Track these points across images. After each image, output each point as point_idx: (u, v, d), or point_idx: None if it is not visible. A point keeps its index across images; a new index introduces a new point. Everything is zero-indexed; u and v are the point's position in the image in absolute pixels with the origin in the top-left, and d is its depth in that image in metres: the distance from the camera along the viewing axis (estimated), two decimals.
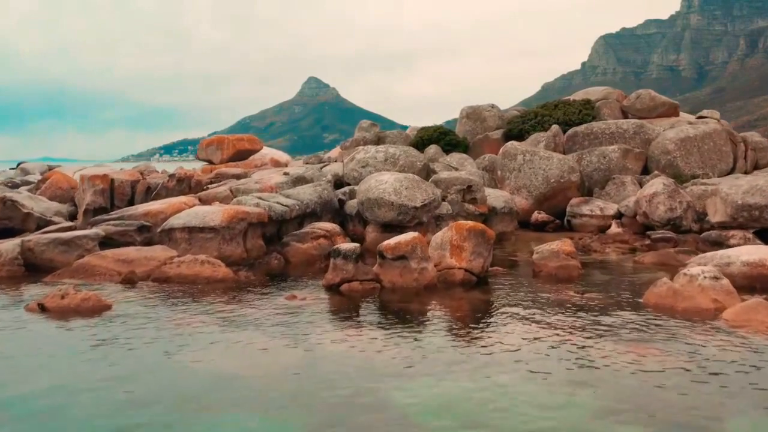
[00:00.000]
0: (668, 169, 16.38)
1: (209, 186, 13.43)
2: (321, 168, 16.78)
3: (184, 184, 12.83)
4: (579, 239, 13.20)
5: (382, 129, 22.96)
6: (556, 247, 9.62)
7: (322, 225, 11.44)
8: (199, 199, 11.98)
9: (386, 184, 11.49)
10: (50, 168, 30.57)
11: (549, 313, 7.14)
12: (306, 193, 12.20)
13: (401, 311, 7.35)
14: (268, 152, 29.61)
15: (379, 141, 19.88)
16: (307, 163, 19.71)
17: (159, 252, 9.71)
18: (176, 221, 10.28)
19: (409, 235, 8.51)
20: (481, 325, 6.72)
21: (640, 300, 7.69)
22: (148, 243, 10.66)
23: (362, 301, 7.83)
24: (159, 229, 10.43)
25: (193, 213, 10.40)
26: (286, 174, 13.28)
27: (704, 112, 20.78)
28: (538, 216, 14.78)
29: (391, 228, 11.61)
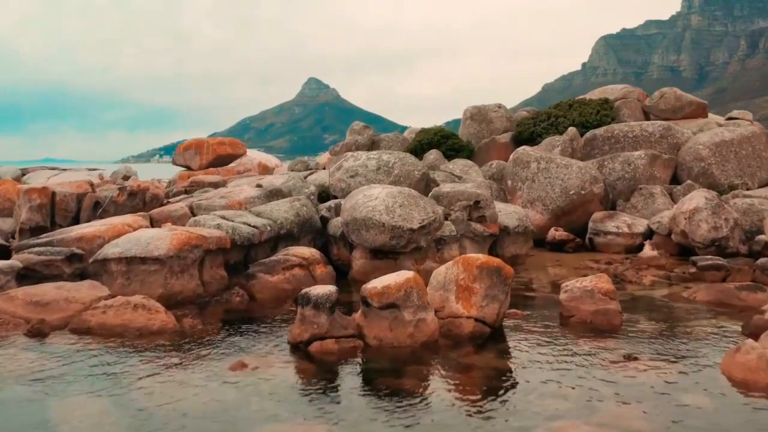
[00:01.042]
0: (702, 178, 14.35)
1: (170, 200, 11.35)
2: (305, 177, 14.73)
3: (137, 199, 10.76)
4: (607, 264, 11.16)
5: (383, 130, 20.97)
6: (590, 284, 7.55)
7: (297, 250, 9.37)
8: (151, 219, 9.91)
9: (376, 200, 9.43)
10: (23, 173, 28.55)
11: (596, 393, 5.08)
12: (280, 211, 10.13)
13: (389, 391, 5.27)
14: (256, 156, 27.60)
15: (373, 145, 17.84)
16: (292, 170, 17.65)
17: (84, 291, 7.64)
18: (112, 250, 8.21)
19: (401, 276, 6.44)
20: (504, 423, 4.64)
21: (716, 367, 5.63)
22: (82, 276, 8.60)
23: (337, 369, 5.77)
24: (91, 260, 8.37)
25: (134, 239, 8.33)
26: (259, 186, 11.21)
27: (734, 113, 18.73)
28: (555, 233, 12.73)
29: (383, 254, 9.56)
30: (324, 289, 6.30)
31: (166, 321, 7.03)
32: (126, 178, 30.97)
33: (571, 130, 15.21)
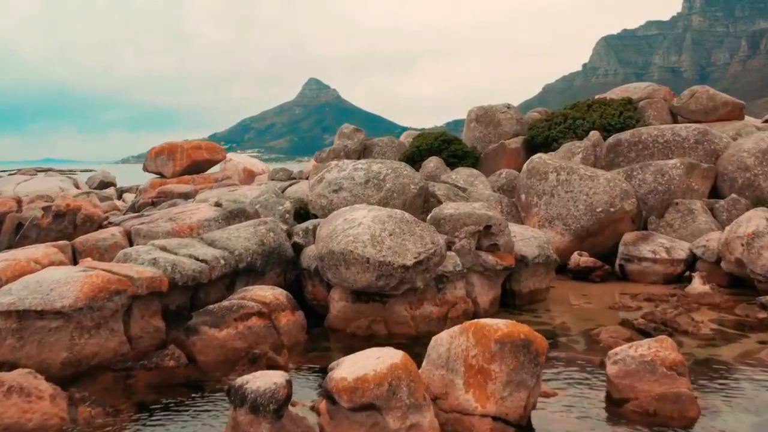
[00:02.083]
0: (747, 191, 12.23)
1: (110, 222, 9.25)
2: (284, 189, 12.65)
3: (65, 221, 8.66)
4: (646, 300, 9.10)
5: (384, 130, 19.18)
6: (648, 351, 5.44)
7: (257, 292, 7.25)
8: (74, 250, 7.82)
9: (360, 227, 7.33)
10: None
11: None
12: (240, 238, 8.03)
13: None
14: (241, 160, 25.64)
15: (365, 151, 15.75)
16: (272, 179, 15.55)
17: None
18: (0, 299, 6.11)
19: (384, 361, 4.33)
20: None
21: None
22: None
23: None
24: None
25: (34, 283, 6.23)
26: (218, 205, 9.10)
27: None
28: (579, 259, 10.63)
29: (369, 296, 7.46)
30: (267, 382, 4.19)
31: (50, 412, 4.93)
32: (104, 183, 28.93)
33: (594, 134, 13.12)
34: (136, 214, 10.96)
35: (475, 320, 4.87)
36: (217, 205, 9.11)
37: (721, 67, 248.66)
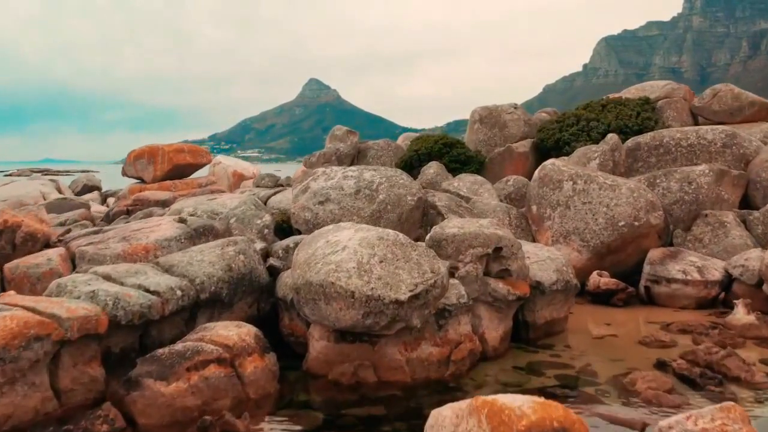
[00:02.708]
0: None
1: (60, 240, 7.95)
2: (267, 198, 11.38)
3: (2, 240, 7.36)
4: (681, 332, 7.84)
5: (384, 131, 17.90)
6: (712, 427, 4.14)
7: (219, 332, 5.96)
8: (2, 278, 6.53)
9: (344, 252, 6.04)
10: None
11: None
12: (203, 263, 6.74)
13: None
14: (230, 164, 24.37)
15: (359, 155, 14.47)
16: (258, 186, 14.28)
17: None
18: None
19: None
20: None
21: None
22: None
23: None
24: None
25: None
26: (182, 221, 7.81)
27: None
28: (600, 280, 9.35)
29: (354, 335, 6.17)
30: None
31: None
32: (88, 187, 27.61)
33: (612, 137, 11.83)
34: (95, 228, 9.66)
35: (491, 398, 3.57)
36: (181, 221, 7.81)
37: (722, 67, 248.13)
